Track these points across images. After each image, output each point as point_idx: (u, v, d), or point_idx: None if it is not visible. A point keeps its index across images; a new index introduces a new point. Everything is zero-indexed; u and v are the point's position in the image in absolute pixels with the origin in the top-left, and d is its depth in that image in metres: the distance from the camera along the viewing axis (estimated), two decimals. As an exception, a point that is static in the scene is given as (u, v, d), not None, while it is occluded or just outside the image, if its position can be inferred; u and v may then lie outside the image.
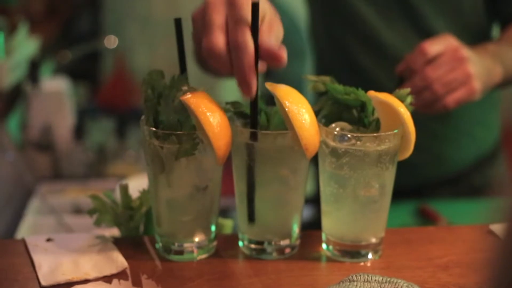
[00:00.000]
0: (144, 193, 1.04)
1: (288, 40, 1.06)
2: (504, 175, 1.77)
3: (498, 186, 1.74)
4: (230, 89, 3.14)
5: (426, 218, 1.67)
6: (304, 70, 3.06)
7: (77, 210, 1.74)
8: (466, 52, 1.25)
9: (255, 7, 0.91)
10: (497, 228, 1.08)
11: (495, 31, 1.59)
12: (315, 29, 1.71)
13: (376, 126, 0.98)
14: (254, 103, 0.94)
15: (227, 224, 1.13)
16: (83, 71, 3.01)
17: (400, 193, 1.50)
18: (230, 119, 0.96)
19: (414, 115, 0.98)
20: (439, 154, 1.65)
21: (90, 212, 1.04)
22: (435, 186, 1.69)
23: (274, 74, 3.61)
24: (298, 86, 1.05)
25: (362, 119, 0.98)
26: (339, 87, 0.98)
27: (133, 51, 3.01)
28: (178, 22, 0.99)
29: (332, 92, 0.99)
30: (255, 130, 0.96)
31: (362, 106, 0.98)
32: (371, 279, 0.89)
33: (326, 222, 1.02)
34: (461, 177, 1.69)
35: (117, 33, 2.97)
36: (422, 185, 1.69)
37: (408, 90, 1.00)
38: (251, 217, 0.99)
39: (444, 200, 1.72)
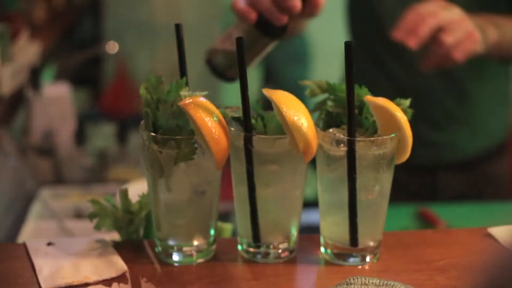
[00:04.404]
0: (143, 197, 1.05)
1: (288, 44, 1.08)
2: (505, 173, 1.80)
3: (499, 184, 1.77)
4: (229, 94, 3.15)
5: (426, 222, 1.68)
6: (306, 74, 3.07)
7: (78, 215, 1.74)
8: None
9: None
10: (496, 231, 1.09)
11: None
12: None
13: (373, 129, 0.99)
14: (245, 106, 0.95)
15: (227, 228, 1.14)
16: (85, 77, 3.02)
17: (400, 195, 1.52)
18: (228, 123, 0.97)
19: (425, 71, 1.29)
20: (454, 135, 1.74)
21: (90, 217, 1.05)
22: (448, 169, 1.76)
23: (275, 79, 3.64)
24: (298, 90, 1.06)
25: (360, 122, 0.99)
26: (340, 86, 0.99)
27: (134, 56, 3.02)
28: (178, 28, 1.00)
29: (332, 91, 1.00)
30: (254, 135, 0.96)
31: (361, 108, 0.99)
32: (369, 282, 0.89)
33: (324, 226, 1.03)
34: (472, 163, 1.78)
35: (118, 38, 2.98)
36: (436, 165, 1.77)
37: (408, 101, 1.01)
38: (256, 239, 1.01)
39: (444, 203, 1.73)
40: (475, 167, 1.77)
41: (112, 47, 2.93)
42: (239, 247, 1.03)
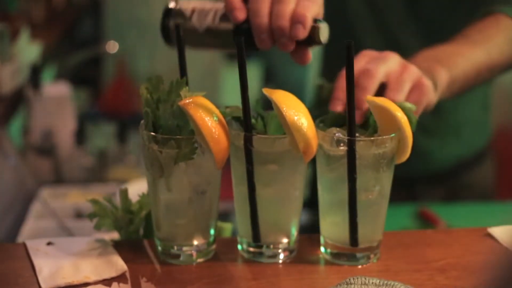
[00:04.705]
0: (143, 197, 1.05)
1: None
2: (492, 177, 1.77)
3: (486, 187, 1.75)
4: (229, 94, 3.15)
5: (426, 222, 1.68)
6: (305, 74, 3.07)
7: (78, 214, 1.74)
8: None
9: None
10: (496, 231, 1.09)
11: None
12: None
13: (373, 129, 0.99)
14: (245, 106, 0.95)
15: (226, 228, 1.14)
16: (85, 76, 3.02)
17: (398, 195, 1.49)
18: (228, 123, 0.97)
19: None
20: (425, 149, 1.64)
21: (90, 216, 1.05)
22: (425, 182, 1.69)
23: (276, 79, 3.62)
24: (299, 90, 1.06)
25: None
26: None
27: (134, 56, 3.02)
28: (178, 28, 1.00)
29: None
30: (254, 135, 0.96)
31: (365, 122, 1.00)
32: (369, 282, 0.89)
33: (324, 225, 1.03)
34: (448, 175, 1.69)
35: (118, 38, 2.98)
36: (412, 179, 1.68)
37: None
38: (256, 239, 1.01)
39: (444, 203, 1.73)
40: (453, 178, 1.69)
41: (112, 46, 2.93)
42: (239, 247, 1.03)
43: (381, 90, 1.06)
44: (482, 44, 1.24)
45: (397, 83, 1.05)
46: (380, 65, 1.05)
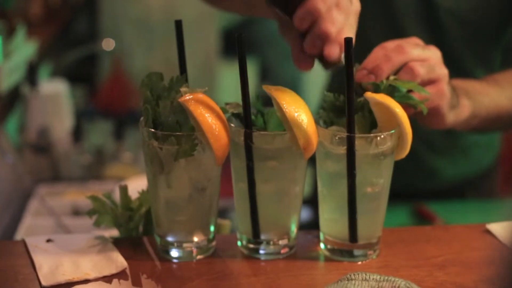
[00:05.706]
0: (143, 193, 1.05)
1: (284, 42, 1.07)
2: (496, 192, 1.76)
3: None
4: (229, 90, 3.15)
5: (423, 219, 1.68)
6: (301, 72, 3.08)
7: (76, 212, 1.74)
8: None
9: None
10: (494, 227, 1.09)
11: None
12: None
13: (368, 121, 0.99)
14: (245, 102, 0.95)
15: (225, 225, 1.14)
16: (81, 74, 3.02)
17: (396, 195, 1.49)
18: (228, 120, 0.97)
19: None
20: (433, 166, 1.64)
21: (90, 213, 1.04)
22: (428, 197, 1.69)
23: (272, 75, 3.61)
24: (295, 87, 1.06)
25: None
26: None
27: (130, 53, 3.01)
28: (178, 24, 1.00)
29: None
30: (254, 131, 0.97)
31: (363, 106, 1.00)
32: (369, 277, 0.90)
33: (324, 222, 1.03)
34: (453, 190, 1.70)
35: (114, 35, 2.97)
36: (415, 193, 1.69)
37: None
38: (256, 235, 1.01)
39: (441, 200, 1.73)
40: (457, 193, 1.69)
41: (108, 44, 2.93)
42: (239, 243, 1.04)
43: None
44: (508, 90, 1.28)
45: (421, 61, 1.05)
46: (416, 48, 1.05)
